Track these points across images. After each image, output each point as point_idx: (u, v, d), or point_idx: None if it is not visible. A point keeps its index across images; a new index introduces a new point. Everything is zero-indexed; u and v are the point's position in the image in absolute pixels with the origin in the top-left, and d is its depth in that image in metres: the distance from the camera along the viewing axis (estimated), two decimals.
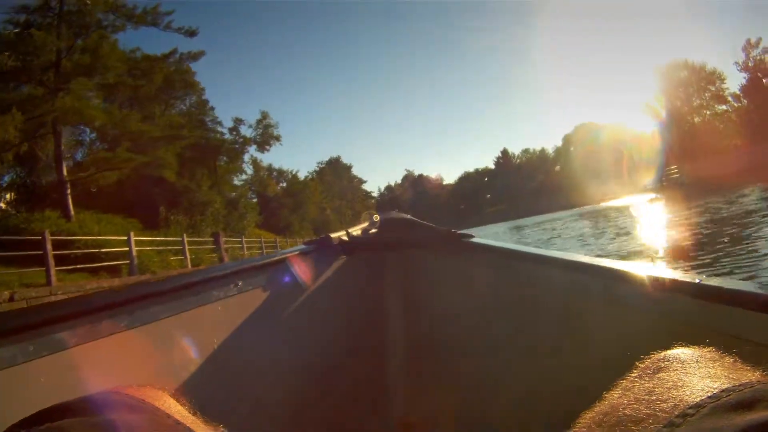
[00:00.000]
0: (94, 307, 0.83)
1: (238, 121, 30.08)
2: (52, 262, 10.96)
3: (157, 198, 20.32)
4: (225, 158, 27.77)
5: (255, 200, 38.56)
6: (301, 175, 52.69)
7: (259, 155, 35.77)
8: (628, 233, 12.77)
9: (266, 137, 32.04)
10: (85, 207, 17.41)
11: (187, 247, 16.70)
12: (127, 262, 13.46)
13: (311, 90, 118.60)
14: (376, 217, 1.96)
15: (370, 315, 1.70)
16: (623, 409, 0.37)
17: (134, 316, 0.89)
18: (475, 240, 1.59)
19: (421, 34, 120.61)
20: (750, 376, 0.37)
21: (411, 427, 1.43)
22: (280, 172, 49.14)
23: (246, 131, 30.77)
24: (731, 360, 0.41)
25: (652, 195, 27.67)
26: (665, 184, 33.72)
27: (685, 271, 0.93)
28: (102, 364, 0.81)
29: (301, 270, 1.44)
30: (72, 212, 16.18)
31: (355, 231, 1.84)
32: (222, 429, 0.45)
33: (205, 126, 25.41)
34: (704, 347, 0.43)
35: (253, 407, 1.08)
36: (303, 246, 1.59)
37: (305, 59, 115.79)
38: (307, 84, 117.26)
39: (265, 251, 24.96)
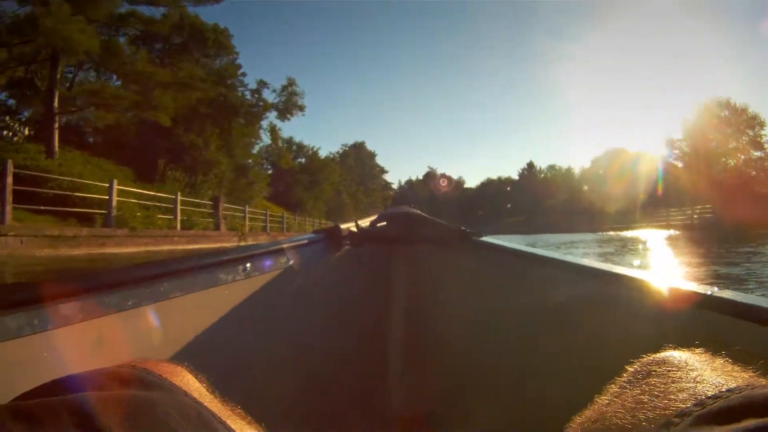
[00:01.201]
0: (99, 284, 0.82)
1: (262, 84, 27.52)
2: (9, 197, 9.58)
3: (159, 150, 18.45)
4: (243, 121, 25.59)
5: (269, 171, 36.92)
6: (323, 154, 50.36)
7: (279, 123, 33.25)
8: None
9: (289, 105, 29.55)
10: (79, 149, 15.83)
11: (179, 206, 14.99)
12: (105, 212, 11.82)
13: (347, 72, 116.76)
14: (386, 210, 2.01)
15: (374, 308, 1.70)
16: (611, 417, 0.38)
17: (142, 294, 0.89)
18: (484, 239, 1.60)
19: (465, 38, 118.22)
20: (738, 380, 0.37)
21: (411, 423, 1.40)
22: (300, 147, 46.85)
23: (269, 96, 28.79)
24: (721, 364, 0.41)
25: (675, 232, 25.90)
26: (696, 223, 32.34)
27: (688, 280, 0.92)
28: (106, 340, 0.81)
29: (309, 258, 1.44)
30: (56, 149, 14.53)
31: (364, 223, 1.81)
32: (239, 409, 0.45)
33: (226, 84, 23.25)
34: (694, 351, 0.44)
35: (249, 395, 0.86)
36: (312, 234, 1.57)
37: (347, 41, 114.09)
38: (343, 66, 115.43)
39: (269, 225, 23.31)
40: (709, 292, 0.82)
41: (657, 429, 0.32)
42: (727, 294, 0.80)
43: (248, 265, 1.17)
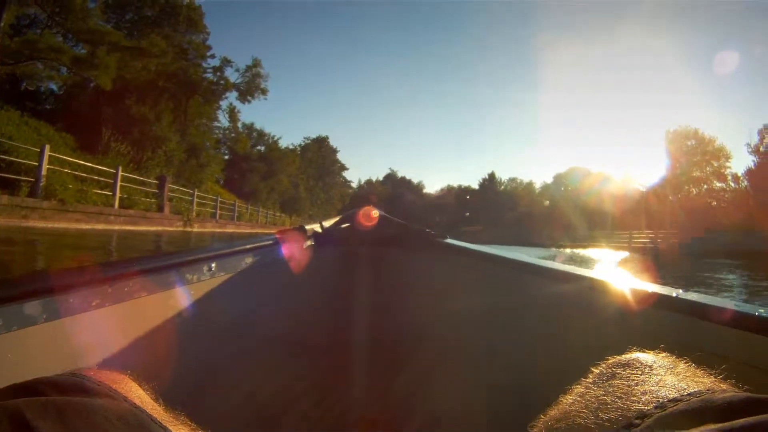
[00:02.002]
0: (63, 284, 0.80)
1: (226, 62, 26.08)
2: None
3: (106, 120, 16.94)
4: (201, 99, 24.09)
5: (226, 156, 35.36)
6: (284, 144, 48.93)
7: (239, 106, 31.69)
8: None
9: (252, 87, 28.22)
10: (19, 110, 14.35)
11: (119, 182, 13.80)
12: (32, 179, 10.63)
13: (317, 65, 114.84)
14: (350, 211, 1.95)
15: (339, 309, 1.69)
16: (574, 416, 0.39)
17: (105, 294, 0.86)
18: (449, 241, 1.64)
19: (431, 44, 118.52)
20: (700, 384, 0.38)
21: (373, 424, 1.39)
22: (260, 134, 45.21)
23: (232, 76, 27.36)
24: (684, 367, 0.42)
25: (626, 254, 25.96)
26: (657, 245, 32.15)
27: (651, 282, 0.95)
28: (67, 343, 0.78)
29: (275, 259, 1.45)
30: None
31: (328, 224, 1.83)
32: (183, 416, 0.45)
33: (187, 58, 21.85)
34: (659, 354, 0.45)
35: (214, 396, 1.05)
36: (276, 235, 1.54)
37: (319, 32, 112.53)
38: (314, 58, 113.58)
39: (218, 212, 22.15)
40: (674, 294, 0.83)
41: (618, 430, 0.33)
42: (692, 296, 0.81)
43: (213, 264, 1.16)
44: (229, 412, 1.14)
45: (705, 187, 42.87)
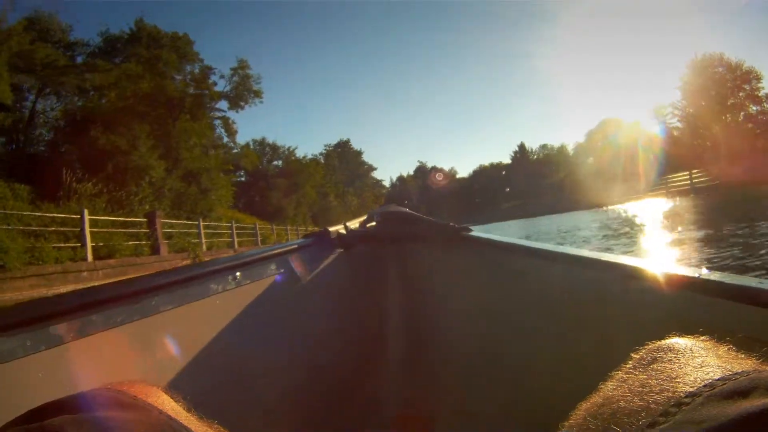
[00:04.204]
0: (89, 302, 0.82)
1: (206, 70, 23.20)
2: None
3: (68, 159, 14.21)
4: (188, 117, 20.96)
5: (242, 179, 32.53)
6: (305, 156, 46.12)
7: (233, 116, 28.77)
8: None
9: (241, 91, 25.17)
10: None
11: (88, 228, 11.03)
12: None
13: (326, 70, 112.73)
14: (374, 210, 1.99)
15: (367, 310, 1.70)
16: (618, 401, 0.38)
17: (132, 309, 0.88)
18: (474, 234, 1.60)
19: (441, 27, 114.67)
20: (744, 365, 0.37)
21: (408, 422, 1.41)
22: (274, 148, 42.52)
23: (220, 85, 24.84)
24: (725, 350, 0.41)
25: (671, 203, 23.72)
26: (697, 187, 30.82)
27: (687, 265, 0.92)
28: (97, 359, 0.81)
29: (299, 264, 1.45)
30: None
31: (353, 225, 1.83)
32: (217, 425, 0.46)
33: (159, 73, 18.95)
34: (699, 338, 0.44)
35: (248, 403, 1.04)
36: (301, 240, 1.59)
37: (322, 38, 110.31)
38: (323, 63, 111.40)
39: (236, 240, 19.35)
40: (710, 278, 0.80)
41: (667, 408, 0.33)
42: (730, 279, 0.78)
43: (238, 273, 1.16)
44: (263, 417, 1.11)
45: (742, 114, 40.64)
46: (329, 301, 1.59)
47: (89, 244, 10.97)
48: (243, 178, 34.11)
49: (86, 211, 11.23)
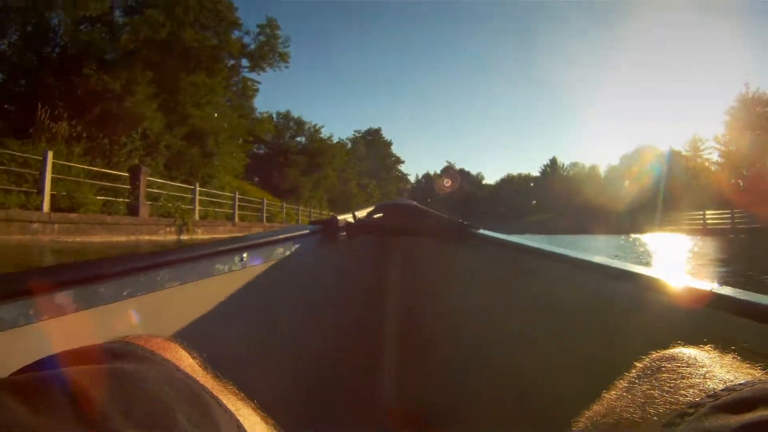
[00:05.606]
0: (98, 273, 0.82)
1: (233, 24, 20.91)
2: None
3: (47, 92, 12.31)
4: (204, 73, 18.78)
5: (261, 151, 30.79)
6: (332, 140, 43.61)
7: (255, 77, 26.23)
8: None
9: (265, 51, 23.04)
10: None
11: (49, 174, 9.44)
12: None
13: (366, 55, 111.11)
14: (384, 203, 1.94)
15: (370, 300, 1.70)
16: (620, 411, 0.38)
17: (138, 284, 0.89)
18: (482, 231, 1.57)
19: (489, 33, 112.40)
20: (748, 376, 0.37)
21: (407, 418, 1.40)
22: (299, 123, 40.21)
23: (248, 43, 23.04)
24: (730, 360, 0.41)
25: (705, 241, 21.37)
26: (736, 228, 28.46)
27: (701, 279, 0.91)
28: (104, 330, 0.78)
29: (306, 249, 1.42)
30: None
31: (361, 214, 1.81)
32: (232, 386, 0.45)
33: (182, 22, 17.07)
34: (703, 348, 0.44)
35: (242, 384, 0.89)
36: (309, 225, 1.54)
37: (371, 23, 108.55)
38: (363, 48, 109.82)
39: (237, 213, 17.73)
40: (717, 291, 0.82)
41: (671, 419, 0.32)
42: (735, 293, 0.80)
43: (245, 255, 1.17)
44: (276, 384, 1.13)
45: None
46: (332, 289, 1.56)
47: (47, 191, 9.39)
48: (262, 150, 32.44)
49: (50, 153, 9.65)
